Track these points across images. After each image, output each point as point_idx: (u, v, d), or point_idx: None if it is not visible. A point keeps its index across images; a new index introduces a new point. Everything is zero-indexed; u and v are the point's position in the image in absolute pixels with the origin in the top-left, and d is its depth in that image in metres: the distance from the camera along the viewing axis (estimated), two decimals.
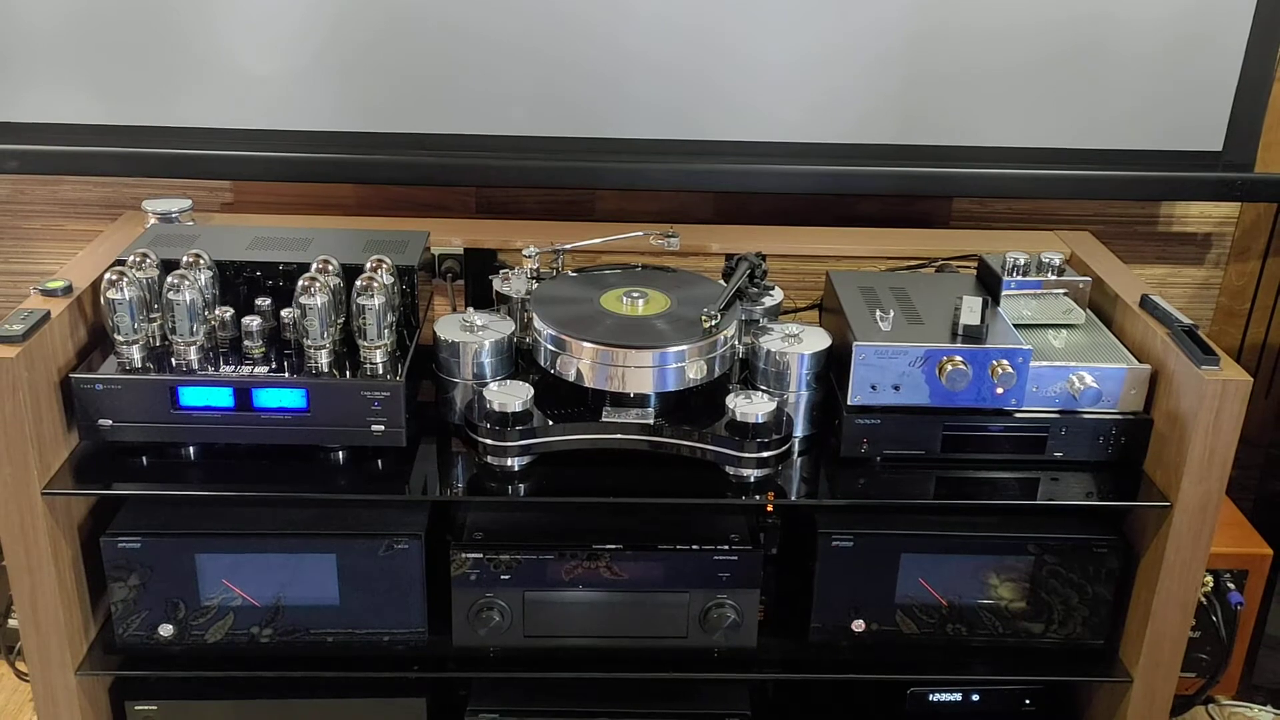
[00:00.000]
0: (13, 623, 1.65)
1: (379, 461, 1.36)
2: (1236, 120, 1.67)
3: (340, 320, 1.36)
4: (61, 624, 1.35)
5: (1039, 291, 1.49)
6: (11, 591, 1.33)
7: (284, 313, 1.38)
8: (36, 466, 1.27)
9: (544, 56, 1.62)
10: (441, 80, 1.63)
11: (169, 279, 1.30)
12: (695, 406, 1.36)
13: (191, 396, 1.30)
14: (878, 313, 1.39)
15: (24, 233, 1.82)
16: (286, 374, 1.31)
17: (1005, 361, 1.33)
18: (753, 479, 1.32)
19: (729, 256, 1.52)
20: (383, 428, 1.31)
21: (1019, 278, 1.48)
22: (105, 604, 1.40)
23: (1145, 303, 1.45)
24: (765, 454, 1.31)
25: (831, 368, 1.41)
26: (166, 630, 1.38)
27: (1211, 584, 1.60)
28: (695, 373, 1.33)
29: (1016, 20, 1.61)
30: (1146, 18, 1.62)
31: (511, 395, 1.31)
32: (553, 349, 1.34)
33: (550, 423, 1.33)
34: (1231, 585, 1.60)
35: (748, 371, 1.43)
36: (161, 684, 1.46)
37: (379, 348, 1.33)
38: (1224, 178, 1.70)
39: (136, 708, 1.46)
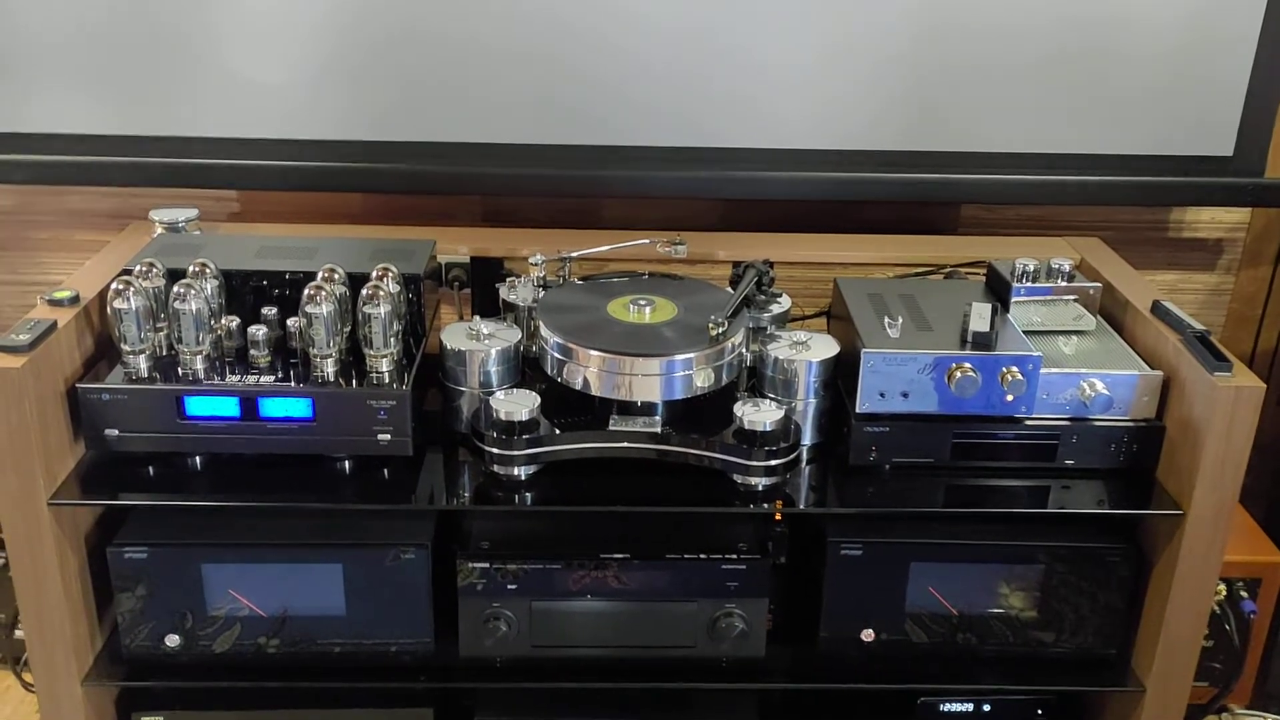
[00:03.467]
0: (19, 633, 1.65)
1: (385, 471, 1.35)
2: (1247, 125, 1.66)
3: (346, 329, 1.36)
4: (68, 634, 1.34)
5: (1049, 298, 1.48)
6: (18, 602, 1.33)
7: (290, 322, 1.38)
8: (43, 476, 1.27)
9: (549, 65, 1.62)
10: (447, 89, 1.63)
11: (175, 288, 1.30)
12: (703, 414, 1.35)
13: (198, 406, 1.30)
14: (886, 319, 1.39)
15: (32, 243, 1.82)
16: (292, 383, 1.31)
17: (1015, 368, 1.32)
18: (761, 487, 1.31)
19: (736, 264, 1.52)
20: (389, 437, 1.31)
21: (1028, 284, 1.47)
22: (111, 614, 1.40)
23: (1157, 309, 1.44)
24: (773, 462, 1.30)
25: (840, 375, 1.40)
26: (173, 640, 1.37)
27: (1224, 592, 1.59)
28: (703, 380, 1.32)
29: (1023, 25, 1.61)
30: (1155, 21, 1.61)
31: (518, 404, 1.31)
32: (559, 357, 1.34)
33: (557, 431, 1.32)
34: (1244, 594, 1.59)
35: (755, 379, 1.43)
36: (168, 694, 1.46)
37: (385, 356, 1.33)
38: (1234, 183, 1.69)
39: (143, 718, 1.45)
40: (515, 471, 1.32)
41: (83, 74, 1.62)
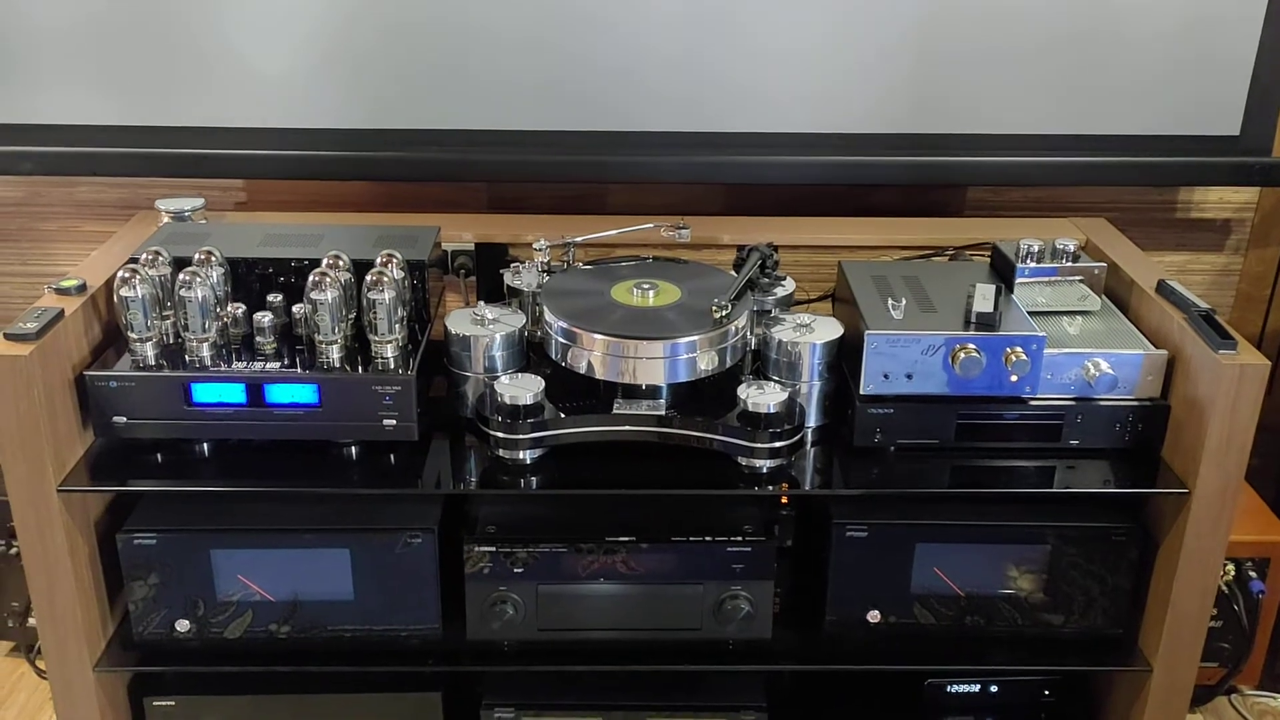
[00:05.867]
0: (32, 621, 1.67)
1: (391, 456, 1.36)
2: (1254, 103, 1.65)
3: (351, 316, 1.36)
4: (79, 620, 1.35)
5: (1054, 279, 1.48)
6: (29, 589, 1.34)
7: (295, 308, 1.39)
8: (52, 464, 1.28)
9: (553, 50, 1.62)
10: (451, 76, 1.63)
11: (181, 276, 1.31)
12: (707, 397, 1.36)
13: (204, 393, 1.30)
14: (890, 301, 1.38)
15: (40, 234, 1.83)
16: (298, 369, 1.32)
17: (1019, 349, 1.32)
18: (765, 470, 1.31)
19: (740, 247, 1.52)
20: (394, 422, 1.31)
21: (1033, 265, 1.47)
22: (122, 600, 1.41)
23: (1162, 288, 1.43)
24: (778, 444, 1.30)
25: (844, 357, 1.40)
26: (184, 626, 1.39)
27: (1233, 572, 1.59)
28: (706, 363, 1.33)
29: (1028, 5, 1.60)
30: (1160, 0, 1.60)
31: (523, 388, 1.31)
32: (564, 341, 1.34)
33: (562, 415, 1.32)
34: (1253, 574, 1.59)
35: (759, 362, 1.43)
36: (180, 679, 1.47)
37: (390, 342, 1.33)
38: (1241, 162, 1.68)
39: (155, 703, 1.47)
40: (520, 456, 1.32)
41: (89, 66, 1.62)
